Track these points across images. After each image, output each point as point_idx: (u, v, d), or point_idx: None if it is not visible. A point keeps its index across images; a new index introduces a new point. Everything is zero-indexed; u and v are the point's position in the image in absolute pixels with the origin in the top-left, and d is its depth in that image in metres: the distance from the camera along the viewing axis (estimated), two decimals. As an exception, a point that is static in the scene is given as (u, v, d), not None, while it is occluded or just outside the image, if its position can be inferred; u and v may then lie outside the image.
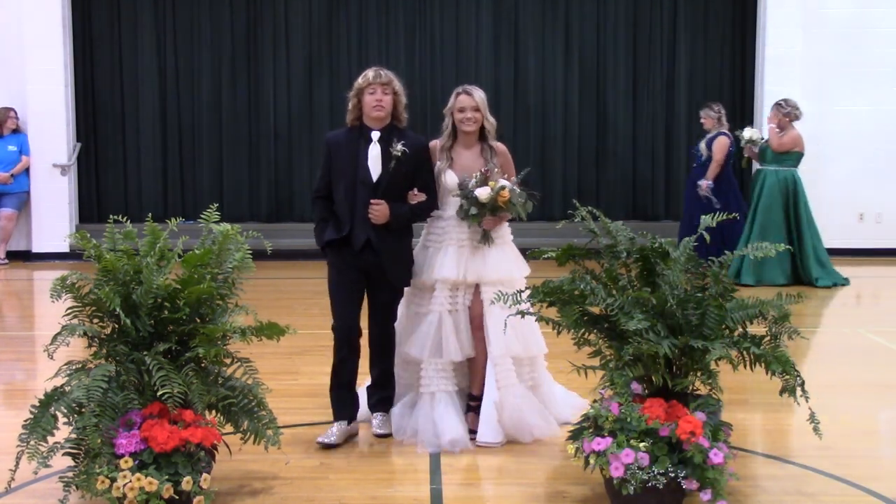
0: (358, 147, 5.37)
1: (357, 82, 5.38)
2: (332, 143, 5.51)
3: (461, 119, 5.55)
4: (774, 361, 4.40)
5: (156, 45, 13.01)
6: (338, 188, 5.39)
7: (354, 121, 5.43)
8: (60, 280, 4.37)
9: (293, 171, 13.19)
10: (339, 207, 5.40)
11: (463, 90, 5.61)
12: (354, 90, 5.38)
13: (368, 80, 5.34)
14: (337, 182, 5.40)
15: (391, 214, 5.34)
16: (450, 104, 5.62)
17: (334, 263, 5.48)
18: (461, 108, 5.56)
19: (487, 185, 5.38)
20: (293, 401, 6.14)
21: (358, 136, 5.40)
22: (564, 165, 13.26)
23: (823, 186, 12.81)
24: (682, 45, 13.16)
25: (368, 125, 5.39)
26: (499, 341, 5.38)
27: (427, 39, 13.14)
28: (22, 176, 12.28)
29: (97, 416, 4.20)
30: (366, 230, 5.34)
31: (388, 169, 5.32)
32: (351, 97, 5.40)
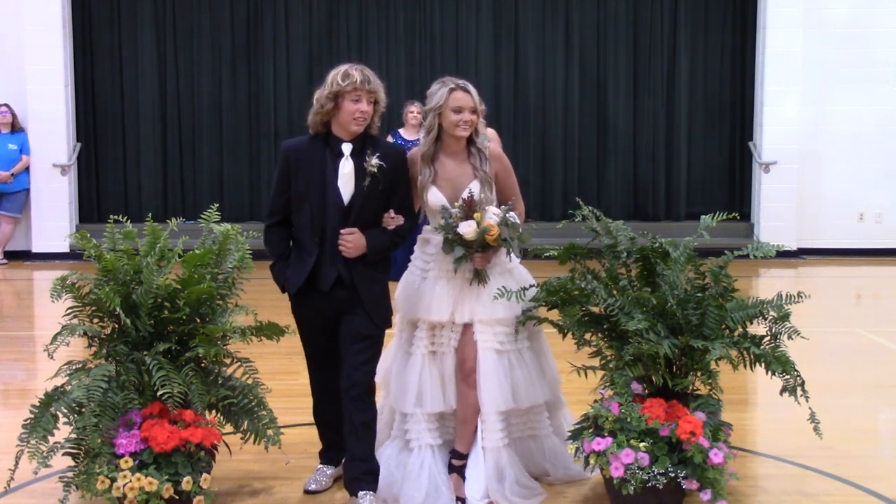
0: (325, 162, 4.39)
1: (336, 82, 4.35)
2: (292, 154, 4.45)
3: (457, 122, 4.51)
4: (774, 361, 4.40)
5: (156, 45, 13.01)
6: (300, 212, 4.42)
7: (321, 127, 4.43)
8: (60, 280, 4.37)
9: (293, 171, 13.16)
10: (302, 235, 4.44)
11: (457, 85, 4.54)
12: (330, 91, 4.35)
13: (354, 84, 4.36)
14: (299, 204, 4.41)
15: (368, 246, 4.41)
16: (436, 101, 4.53)
17: (300, 315, 4.58)
18: (458, 107, 4.50)
19: (472, 218, 4.45)
20: (293, 401, 6.12)
21: (323, 147, 4.41)
22: (564, 165, 13.26)
23: (823, 186, 12.83)
24: (682, 45, 13.16)
25: (338, 135, 4.41)
26: (492, 396, 4.58)
27: (427, 39, 13.14)
28: (22, 175, 12.28)
29: (97, 416, 4.20)
30: (335, 265, 4.41)
31: (361, 188, 4.37)
32: (323, 98, 4.36)
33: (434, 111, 4.56)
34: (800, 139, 12.72)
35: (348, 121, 4.37)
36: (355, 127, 4.38)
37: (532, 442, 4.80)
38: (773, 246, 4.55)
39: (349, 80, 4.37)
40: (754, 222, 12.95)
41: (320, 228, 4.40)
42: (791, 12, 12.57)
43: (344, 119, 4.38)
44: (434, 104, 4.55)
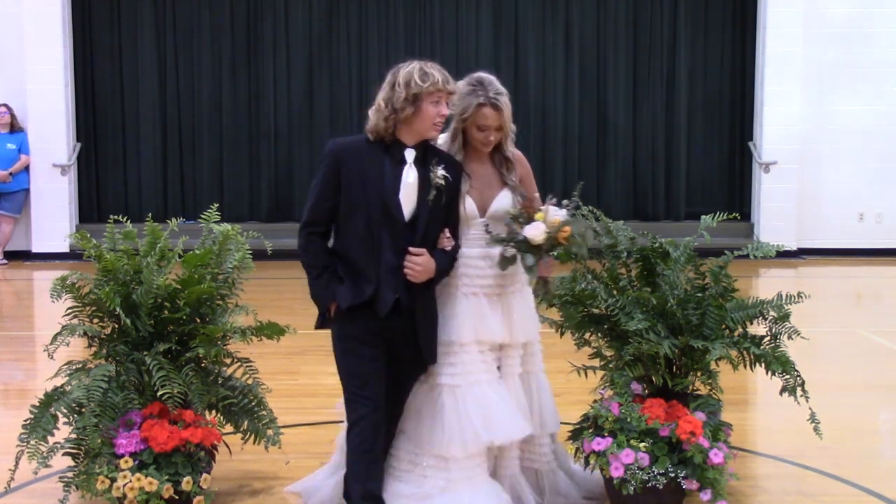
0: (384, 169, 3.87)
1: (415, 82, 3.82)
2: (344, 156, 3.90)
3: (480, 139, 4.13)
4: (774, 361, 4.40)
5: (156, 45, 13.00)
6: (350, 224, 3.89)
7: (385, 131, 3.87)
8: (60, 280, 4.37)
9: (293, 171, 13.18)
10: (352, 251, 3.90)
11: (488, 101, 4.08)
12: (409, 93, 3.81)
13: (437, 85, 3.84)
14: (350, 215, 3.88)
15: (436, 270, 3.95)
16: (463, 111, 4.10)
17: (351, 336, 3.95)
18: (482, 125, 4.10)
19: (534, 219, 4.07)
20: (293, 401, 6.14)
21: (383, 152, 3.89)
22: (564, 165, 13.26)
23: (823, 186, 12.83)
24: (682, 44, 13.16)
25: (403, 141, 3.90)
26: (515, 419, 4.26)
27: (427, 39, 13.14)
28: (21, 175, 12.28)
29: (97, 416, 4.20)
30: (395, 288, 3.89)
31: (426, 202, 3.89)
32: (400, 101, 3.82)
33: (458, 117, 4.12)
34: (800, 139, 12.72)
35: (427, 126, 3.87)
36: (433, 133, 3.92)
37: (529, 475, 4.43)
38: (773, 246, 4.55)
39: (430, 80, 3.84)
40: (754, 222, 12.95)
41: (378, 245, 3.86)
42: (791, 12, 12.57)
43: (422, 124, 3.86)
44: (459, 112, 4.10)
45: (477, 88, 4.12)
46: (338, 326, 3.98)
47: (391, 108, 3.83)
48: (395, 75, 3.87)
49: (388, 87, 3.86)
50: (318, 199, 3.92)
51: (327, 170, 3.90)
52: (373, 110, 3.88)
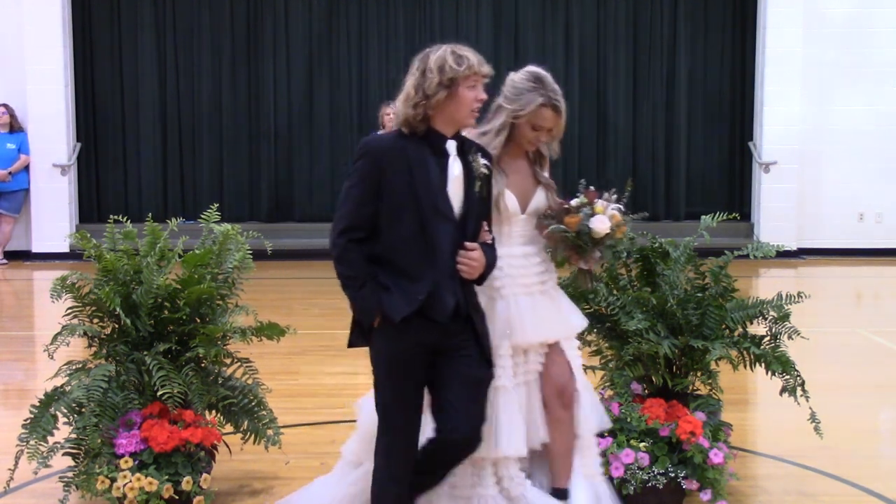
0: (428, 163, 3.58)
1: (450, 66, 3.55)
2: (383, 154, 3.57)
3: (530, 138, 3.94)
4: (774, 361, 4.40)
5: (156, 45, 13.00)
6: (397, 225, 3.56)
7: (420, 123, 3.58)
8: (60, 280, 4.37)
9: (293, 171, 13.18)
10: (399, 255, 3.57)
11: (550, 102, 3.91)
12: (444, 78, 3.54)
13: (473, 69, 3.60)
14: (396, 216, 3.56)
15: (486, 266, 3.66)
16: (519, 105, 3.90)
17: (400, 356, 3.60)
18: (538, 125, 3.92)
19: (596, 211, 3.98)
20: (293, 401, 6.14)
21: (422, 145, 3.59)
22: (564, 165, 13.24)
23: (823, 186, 12.83)
24: (682, 45, 13.17)
25: (441, 131, 3.61)
26: (592, 414, 4.09)
27: (427, 39, 13.10)
28: (21, 174, 12.28)
29: (97, 416, 4.20)
30: (454, 290, 3.59)
31: (472, 195, 3.62)
32: (433, 87, 3.54)
33: (511, 112, 3.91)
34: (800, 139, 12.72)
35: (464, 113, 3.60)
36: (471, 120, 3.66)
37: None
38: (773, 246, 4.55)
39: (465, 63, 3.57)
40: (754, 222, 12.95)
41: (432, 246, 3.56)
42: (791, 12, 12.58)
43: (459, 111, 3.59)
44: (516, 107, 3.90)
45: (538, 87, 3.93)
46: (384, 343, 3.60)
47: (422, 95, 3.54)
48: (424, 61, 3.60)
49: (417, 74, 3.59)
50: (357, 204, 3.56)
51: (365, 171, 3.56)
52: (401, 100, 3.60)
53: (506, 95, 3.94)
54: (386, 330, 3.57)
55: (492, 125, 3.95)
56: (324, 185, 13.01)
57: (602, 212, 3.96)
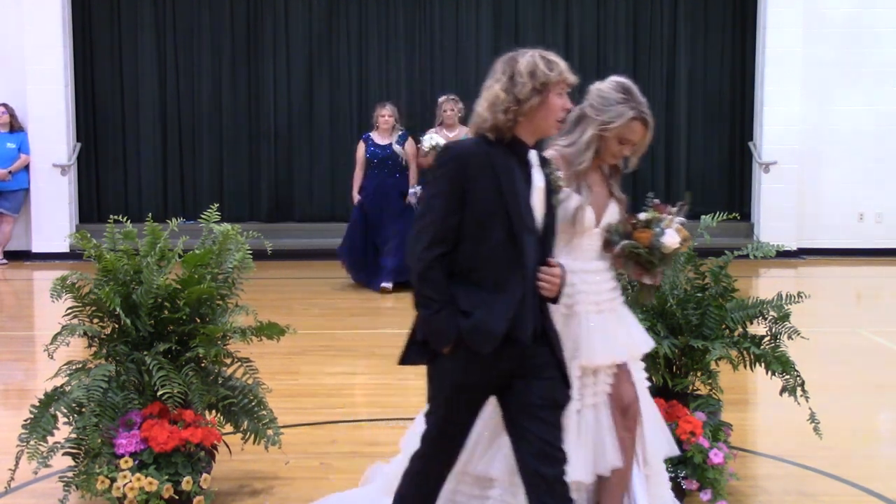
0: (514, 172, 3.35)
1: (542, 71, 3.36)
2: (469, 161, 3.34)
3: (615, 152, 3.81)
4: (774, 361, 4.41)
5: (156, 45, 13.00)
6: (484, 235, 3.31)
7: (505, 125, 3.36)
8: (60, 280, 4.37)
9: (293, 171, 13.18)
10: (490, 269, 3.32)
11: (640, 115, 3.79)
12: (535, 83, 3.35)
13: (563, 75, 3.41)
14: (484, 225, 3.31)
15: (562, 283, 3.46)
16: (610, 119, 3.74)
17: (469, 380, 3.35)
18: (626, 139, 3.79)
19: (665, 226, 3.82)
20: (293, 401, 6.14)
21: (507, 153, 3.37)
22: (564, 165, 13.26)
23: (823, 186, 12.83)
24: (682, 44, 13.16)
25: (524, 139, 3.41)
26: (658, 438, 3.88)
27: (427, 39, 13.14)
28: (21, 174, 12.28)
29: (97, 416, 4.20)
30: (535, 308, 3.38)
31: (552, 208, 3.46)
32: (526, 92, 3.34)
33: (600, 124, 3.74)
34: (800, 139, 12.72)
35: (551, 122, 3.42)
36: (555, 129, 3.50)
37: None
38: (773, 246, 4.55)
39: (556, 69, 3.39)
40: (754, 222, 12.95)
41: (521, 261, 3.32)
42: (791, 12, 12.57)
43: (546, 119, 3.40)
44: (605, 118, 3.74)
45: (629, 99, 3.78)
46: (454, 368, 3.34)
47: (513, 99, 3.34)
48: (511, 65, 3.41)
49: (504, 79, 3.39)
50: (444, 214, 3.30)
51: (450, 178, 3.32)
52: (484, 106, 3.39)
53: (593, 106, 3.76)
54: (459, 355, 3.31)
55: (579, 138, 3.76)
56: (324, 185, 13.01)
57: (670, 226, 3.82)
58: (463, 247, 3.32)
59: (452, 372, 3.35)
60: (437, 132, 10.04)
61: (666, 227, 3.81)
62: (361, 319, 8.90)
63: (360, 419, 5.91)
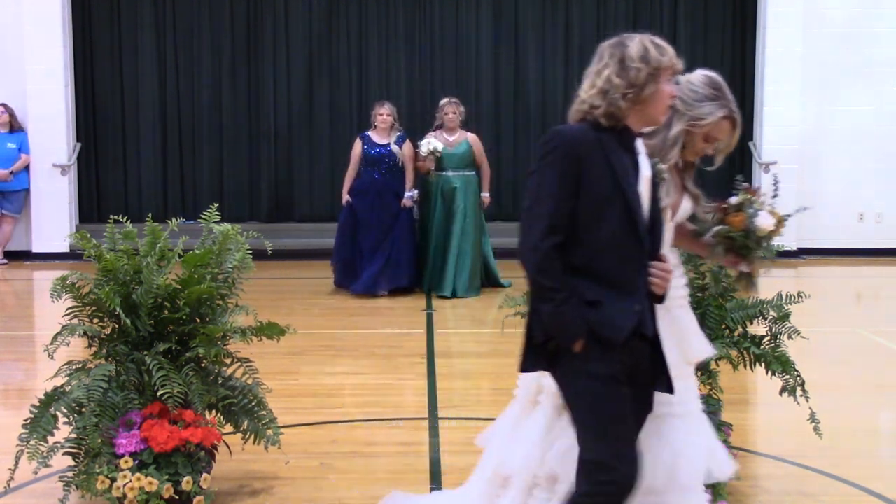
0: (623, 158, 3.19)
1: (654, 57, 3.18)
2: (582, 145, 3.14)
3: (699, 150, 3.70)
4: (774, 361, 4.41)
5: (156, 45, 13.00)
6: (600, 225, 3.12)
7: (623, 113, 3.18)
8: (60, 280, 4.37)
9: (293, 171, 13.18)
10: (608, 260, 3.13)
11: (731, 115, 3.65)
12: (650, 69, 3.17)
13: (673, 60, 3.23)
14: (599, 213, 3.12)
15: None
16: (701, 116, 3.58)
17: (610, 376, 3.11)
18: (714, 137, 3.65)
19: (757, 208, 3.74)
20: (293, 401, 6.14)
21: (616, 140, 3.19)
22: (564, 165, 13.25)
23: (823, 186, 12.83)
24: (682, 44, 13.14)
25: (632, 127, 3.25)
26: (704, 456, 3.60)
27: (427, 39, 13.14)
28: (22, 174, 12.28)
29: (97, 416, 4.20)
30: (649, 307, 3.22)
31: (657, 200, 3.31)
32: (642, 77, 3.16)
33: (689, 120, 3.58)
34: (800, 139, 12.72)
35: (661, 109, 3.25)
36: (664, 117, 3.32)
37: None
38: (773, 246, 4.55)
39: (667, 54, 3.21)
40: (754, 222, 12.94)
41: (639, 252, 3.17)
42: (791, 12, 12.57)
43: (657, 107, 3.22)
44: (695, 114, 3.58)
45: (720, 96, 3.63)
46: (591, 362, 3.09)
47: (628, 85, 3.14)
48: (619, 49, 3.20)
49: (615, 65, 3.17)
50: (559, 200, 3.08)
51: (564, 163, 3.10)
52: (593, 92, 3.17)
53: (683, 100, 3.55)
54: (592, 348, 3.08)
55: (667, 131, 3.56)
56: (324, 185, 13.00)
57: (761, 208, 3.70)
58: (577, 237, 3.11)
59: (590, 365, 3.09)
60: (436, 136, 9.96)
61: (758, 209, 3.70)
62: (361, 319, 8.91)
63: (361, 419, 5.91)
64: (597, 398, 3.10)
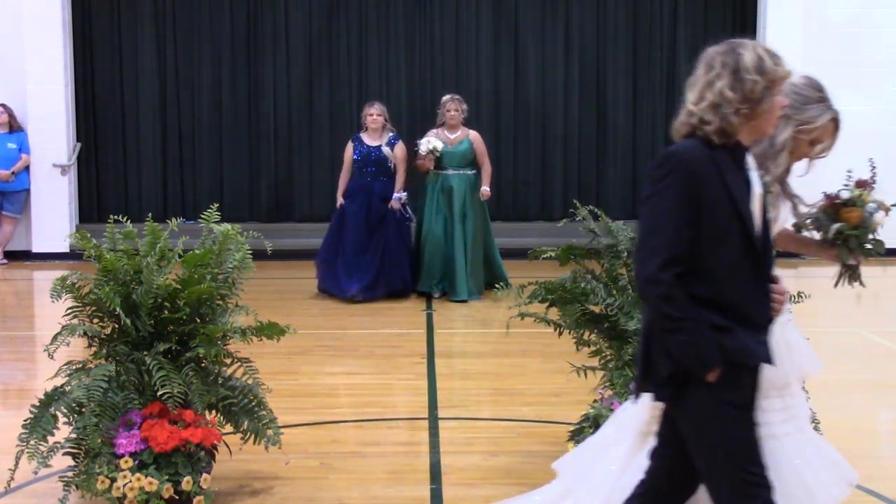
0: (737, 177, 3.00)
1: (770, 68, 3.08)
2: (695, 165, 2.96)
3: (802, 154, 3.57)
4: (774, 361, 4.39)
5: (156, 45, 13.00)
6: (720, 251, 2.96)
7: (738, 129, 3.00)
8: (60, 280, 4.37)
9: (293, 171, 13.18)
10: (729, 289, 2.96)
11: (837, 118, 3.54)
12: (767, 80, 3.04)
13: (786, 71, 3.16)
14: (718, 240, 2.96)
15: None
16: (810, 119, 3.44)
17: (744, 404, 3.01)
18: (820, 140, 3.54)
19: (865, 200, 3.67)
20: (293, 401, 6.14)
21: (728, 157, 3.00)
22: (565, 165, 13.26)
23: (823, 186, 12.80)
24: (682, 44, 13.16)
25: (743, 143, 3.06)
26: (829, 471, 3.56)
27: (427, 40, 13.14)
28: (22, 174, 12.27)
29: (97, 416, 4.20)
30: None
31: (767, 219, 3.11)
32: (759, 90, 3.01)
33: (798, 125, 3.43)
34: (800, 139, 12.71)
35: (772, 122, 3.09)
36: (773, 130, 3.17)
37: None
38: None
39: (781, 63, 3.11)
40: (754, 222, 12.94)
41: (760, 277, 3.02)
42: (791, 12, 12.57)
43: (768, 120, 3.06)
44: (804, 118, 3.44)
45: (825, 98, 3.48)
46: (723, 392, 2.94)
47: (742, 98, 2.97)
48: (733, 59, 3.03)
49: (728, 76, 2.99)
50: (678, 228, 2.92)
51: (682, 188, 2.92)
52: (705, 106, 2.98)
53: (790, 105, 3.38)
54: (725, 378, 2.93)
55: (773, 138, 3.38)
56: (324, 185, 12.99)
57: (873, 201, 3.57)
58: (696, 265, 2.94)
59: (724, 393, 2.95)
60: (436, 134, 9.75)
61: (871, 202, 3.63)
62: (361, 319, 8.90)
63: (360, 419, 5.91)
64: (735, 425, 2.98)
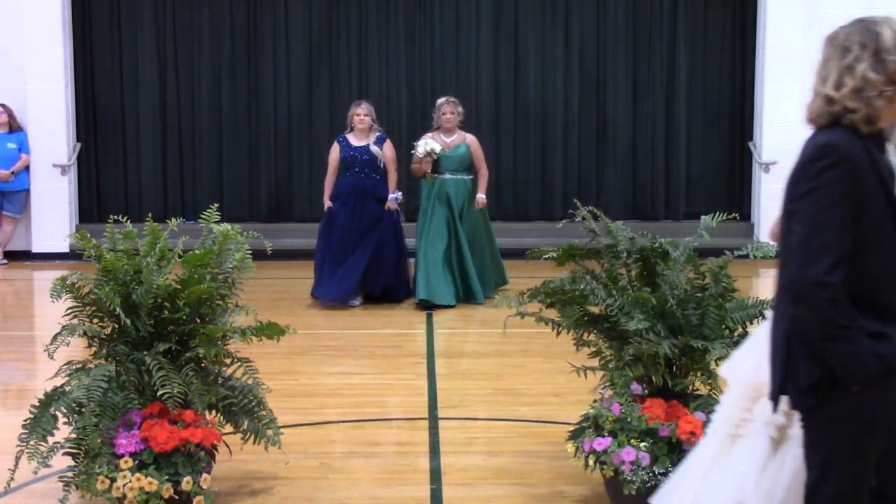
0: (888, 173, 2.82)
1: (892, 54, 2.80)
2: (857, 161, 2.75)
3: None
4: (775, 361, 4.39)
5: (156, 45, 13.00)
6: (874, 255, 2.77)
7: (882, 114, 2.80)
8: (60, 280, 4.37)
9: (293, 171, 13.18)
10: (882, 296, 2.77)
11: None
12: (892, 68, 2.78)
13: None
14: (877, 239, 2.77)
15: None
16: None
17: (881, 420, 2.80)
18: None
19: None
20: (293, 401, 6.14)
21: (878, 150, 2.82)
22: (564, 165, 13.26)
23: (823, 186, 12.83)
24: (682, 45, 13.16)
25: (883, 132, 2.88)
26: None
27: (427, 39, 13.14)
28: (22, 174, 12.27)
29: (97, 416, 4.20)
30: None
31: None
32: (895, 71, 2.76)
33: None
34: (800, 139, 12.60)
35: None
36: None
37: None
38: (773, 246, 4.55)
39: None
40: (754, 222, 12.95)
41: None
42: (791, 12, 12.56)
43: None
44: None
45: None
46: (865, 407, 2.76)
47: (887, 80, 2.75)
48: (871, 39, 2.89)
49: (868, 57, 2.82)
50: (842, 228, 2.70)
51: (845, 183, 2.72)
52: (847, 92, 2.80)
53: None
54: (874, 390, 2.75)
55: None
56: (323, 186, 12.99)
57: None
58: (853, 265, 2.74)
59: (863, 409, 2.75)
60: (433, 136, 9.55)
61: None
62: (361, 319, 8.91)
63: (360, 419, 5.91)
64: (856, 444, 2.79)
